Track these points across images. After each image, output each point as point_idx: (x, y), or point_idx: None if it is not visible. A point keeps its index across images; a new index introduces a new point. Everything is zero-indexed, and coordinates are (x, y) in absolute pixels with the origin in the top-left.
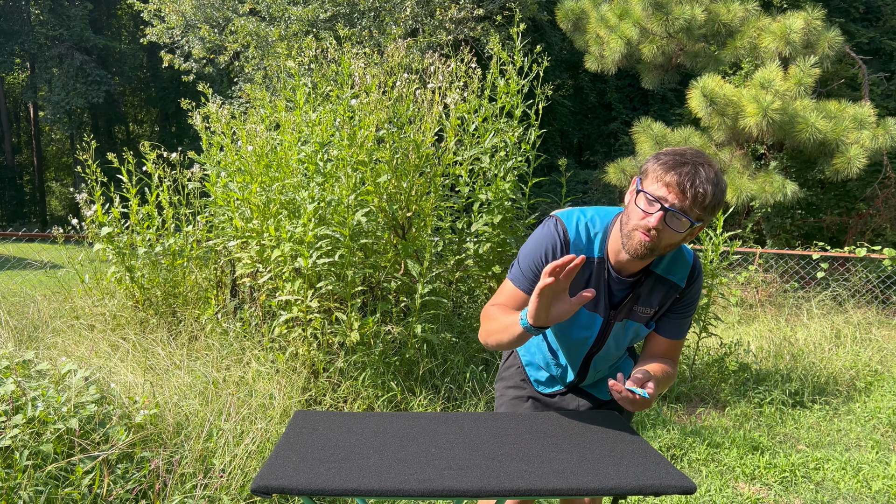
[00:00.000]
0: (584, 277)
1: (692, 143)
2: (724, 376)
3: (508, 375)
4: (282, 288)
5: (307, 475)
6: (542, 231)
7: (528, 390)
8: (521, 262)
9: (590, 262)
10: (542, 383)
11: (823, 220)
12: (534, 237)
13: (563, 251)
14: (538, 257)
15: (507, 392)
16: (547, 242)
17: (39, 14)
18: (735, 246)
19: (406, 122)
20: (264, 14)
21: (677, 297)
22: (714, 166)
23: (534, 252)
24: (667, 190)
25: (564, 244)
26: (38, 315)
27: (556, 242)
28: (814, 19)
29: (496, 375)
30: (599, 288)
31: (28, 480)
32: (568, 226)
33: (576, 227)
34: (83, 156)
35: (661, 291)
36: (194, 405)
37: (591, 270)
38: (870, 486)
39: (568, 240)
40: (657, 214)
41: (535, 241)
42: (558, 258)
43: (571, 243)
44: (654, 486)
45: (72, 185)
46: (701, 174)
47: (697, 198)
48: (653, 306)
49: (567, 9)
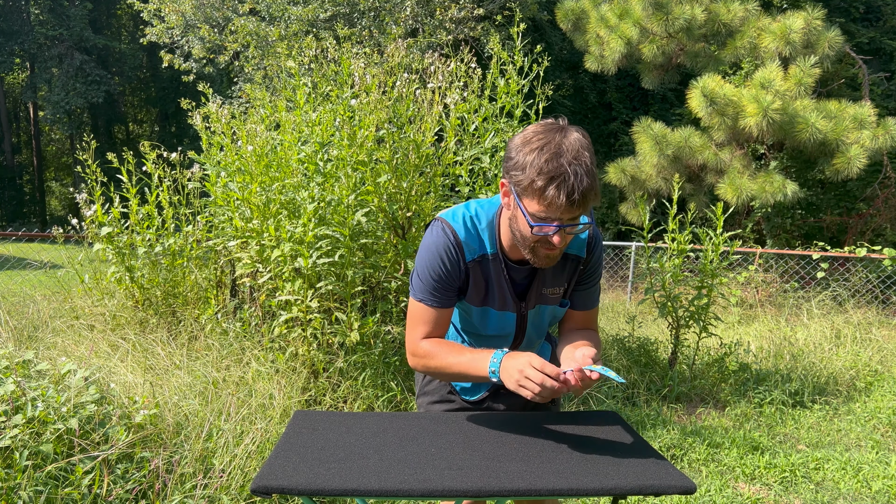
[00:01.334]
0: (483, 276)
1: (692, 143)
2: (724, 376)
3: (432, 390)
4: (282, 288)
5: (307, 475)
6: (431, 238)
7: (456, 402)
8: (422, 277)
9: (485, 260)
10: (467, 391)
11: (823, 220)
12: (424, 246)
13: (457, 253)
14: (435, 266)
15: (433, 408)
16: (440, 249)
17: (39, 14)
18: (735, 246)
19: (406, 122)
20: (264, 14)
21: (581, 268)
22: (586, 147)
23: (430, 263)
24: (554, 210)
25: (456, 246)
26: (38, 315)
27: (447, 246)
28: (814, 19)
29: (417, 391)
30: (501, 282)
31: (28, 480)
32: (455, 226)
33: (463, 224)
34: (83, 156)
35: (565, 268)
36: (194, 405)
37: (488, 267)
38: (870, 486)
39: (459, 240)
40: (556, 235)
41: (426, 250)
42: (455, 262)
43: (464, 243)
44: (654, 486)
45: (72, 185)
46: (580, 173)
47: (587, 199)
48: (560, 285)
49: (567, 9)
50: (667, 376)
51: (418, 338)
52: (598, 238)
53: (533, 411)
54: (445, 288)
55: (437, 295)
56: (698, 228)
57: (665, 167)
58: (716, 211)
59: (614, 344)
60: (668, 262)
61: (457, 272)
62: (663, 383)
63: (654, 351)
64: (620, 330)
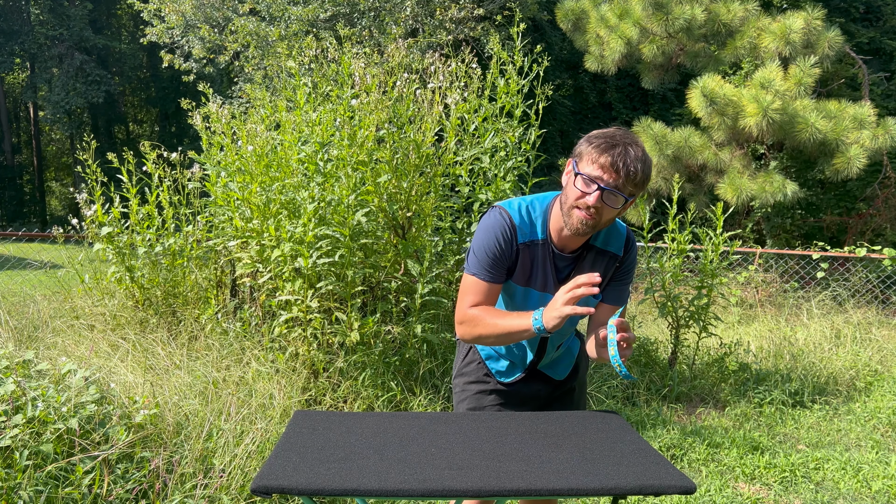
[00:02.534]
0: (531, 259)
1: (692, 143)
2: (724, 376)
3: (469, 371)
4: (282, 288)
5: (307, 475)
6: (489, 220)
7: (491, 384)
8: (478, 254)
9: (534, 244)
10: (503, 373)
11: (823, 220)
12: (482, 228)
13: (511, 235)
14: (491, 245)
15: (469, 387)
16: (496, 229)
17: (39, 14)
18: (735, 246)
19: (406, 122)
20: (264, 14)
21: (617, 265)
22: (641, 145)
23: (486, 241)
24: (602, 171)
25: (511, 228)
26: (38, 315)
27: (504, 228)
28: (814, 19)
29: (454, 372)
30: (546, 267)
31: (28, 480)
32: (511, 212)
33: (518, 212)
34: (83, 156)
35: (603, 262)
36: (194, 405)
37: (536, 252)
38: (870, 486)
39: (514, 224)
40: (595, 193)
41: (484, 231)
42: (508, 242)
43: (517, 227)
44: (654, 486)
45: (72, 185)
46: (630, 154)
47: (630, 175)
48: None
49: (567, 9)
50: (667, 376)
51: (467, 306)
52: (634, 242)
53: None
54: (498, 265)
55: (490, 271)
56: (698, 228)
57: (665, 167)
58: (716, 211)
59: None
60: (668, 262)
61: (509, 251)
62: (663, 383)
63: (654, 351)
64: None
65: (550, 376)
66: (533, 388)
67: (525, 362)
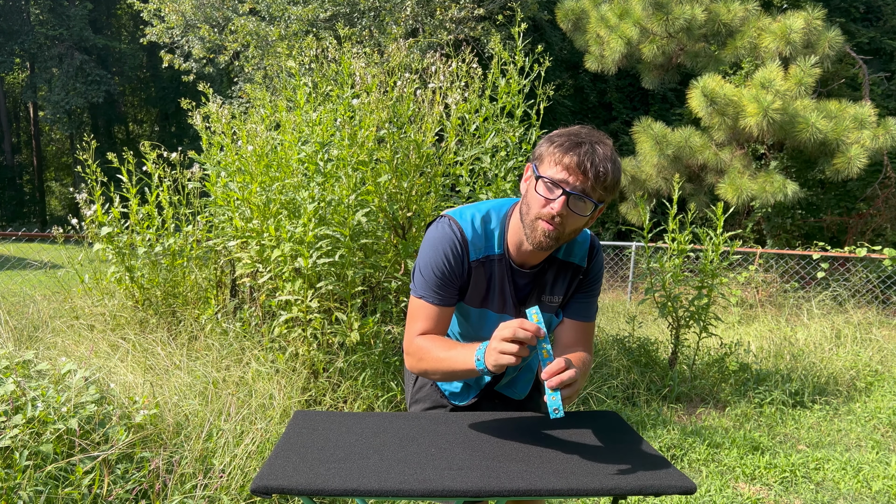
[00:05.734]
0: (486, 277)
1: (693, 142)
2: (725, 376)
3: (423, 396)
4: (282, 288)
5: (307, 475)
6: (436, 233)
7: (449, 406)
8: (424, 273)
9: (489, 261)
10: (456, 395)
11: (824, 220)
12: (428, 242)
13: (462, 251)
14: (438, 263)
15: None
16: (444, 245)
17: (39, 14)
18: (735, 246)
19: (406, 121)
20: (264, 14)
21: (581, 277)
22: (609, 144)
23: (433, 258)
24: (567, 172)
25: (462, 244)
26: (38, 315)
27: (453, 243)
28: (814, 19)
29: (408, 400)
30: (504, 285)
31: (28, 480)
32: (462, 224)
33: (471, 223)
34: (83, 156)
35: (566, 276)
36: (194, 405)
37: (492, 269)
38: (870, 486)
39: (465, 238)
40: (560, 199)
41: (430, 246)
42: (459, 259)
43: (469, 242)
44: (654, 486)
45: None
46: (598, 152)
47: (599, 177)
48: (560, 293)
49: (567, 9)
50: (667, 376)
51: (415, 334)
52: (599, 249)
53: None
54: (447, 285)
55: (438, 292)
56: (698, 228)
57: (665, 167)
58: (716, 211)
59: (614, 344)
60: (669, 262)
61: (460, 270)
62: (663, 383)
63: (655, 351)
64: (620, 330)
65: (509, 396)
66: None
67: (480, 385)
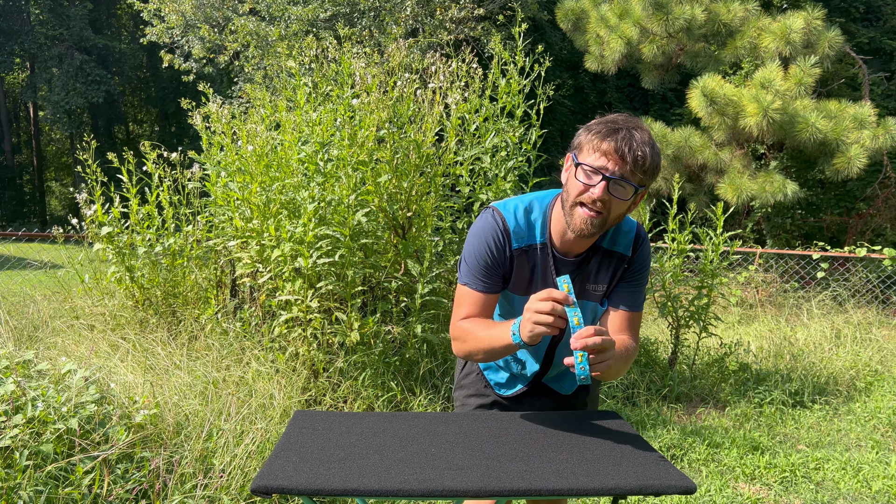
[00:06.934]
0: (529, 265)
1: (692, 142)
2: (725, 376)
3: (468, 383)
4: (282, 288)
5: (307, 475)
6: (480, 224)
7: (491, 396)
8: (469, 262)
9: (532, 249)
10: (502, 385)
11: (823, 220)
12: (473, 232)
13: (504, 240)
14: (482, 252)
15: (468, 401)
16: (487, 234)
17: (39, 14)
18: (735, 246)
19: (407, 121)
20: (264, 14)
21: (626, 266)
22: (646, 129)
23: (477, 247)
24: (605, 158)
25: (504, 233)
26: (38, 315)
27: (496, 232)
28: (814, 19)
29: (455, 384)
30: (547, 274)
31: (28, 480)
32: (505, 214)
33: (514, 214)
34: (83, 156)
35: (610, 265)
36: (194, 405)
37: (535, 257)
38: (870, 486)
39: (507, 228)
40: (600, 185)
41: (475, 236)
42: (501, 248)
43: (511, 231)
44: (654, 486)
45: (72, 185)
46: (636, 137)
47: (637, 161)
48: (604, 282)
49: (567, 9)
50: (667, 376)
51: (459, 318)
52: (645, 239)
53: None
54: (490, 273)
55: (483, 280)
56: (698, 228)
57: (665, 167)
58: (716, 211)
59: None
60: (669, 262)
61: (502, 258)
62: (663, 383)
63: (655, 351)
64: None
65: (556, 391)
66: (536, 404)
67: (527, 377)
